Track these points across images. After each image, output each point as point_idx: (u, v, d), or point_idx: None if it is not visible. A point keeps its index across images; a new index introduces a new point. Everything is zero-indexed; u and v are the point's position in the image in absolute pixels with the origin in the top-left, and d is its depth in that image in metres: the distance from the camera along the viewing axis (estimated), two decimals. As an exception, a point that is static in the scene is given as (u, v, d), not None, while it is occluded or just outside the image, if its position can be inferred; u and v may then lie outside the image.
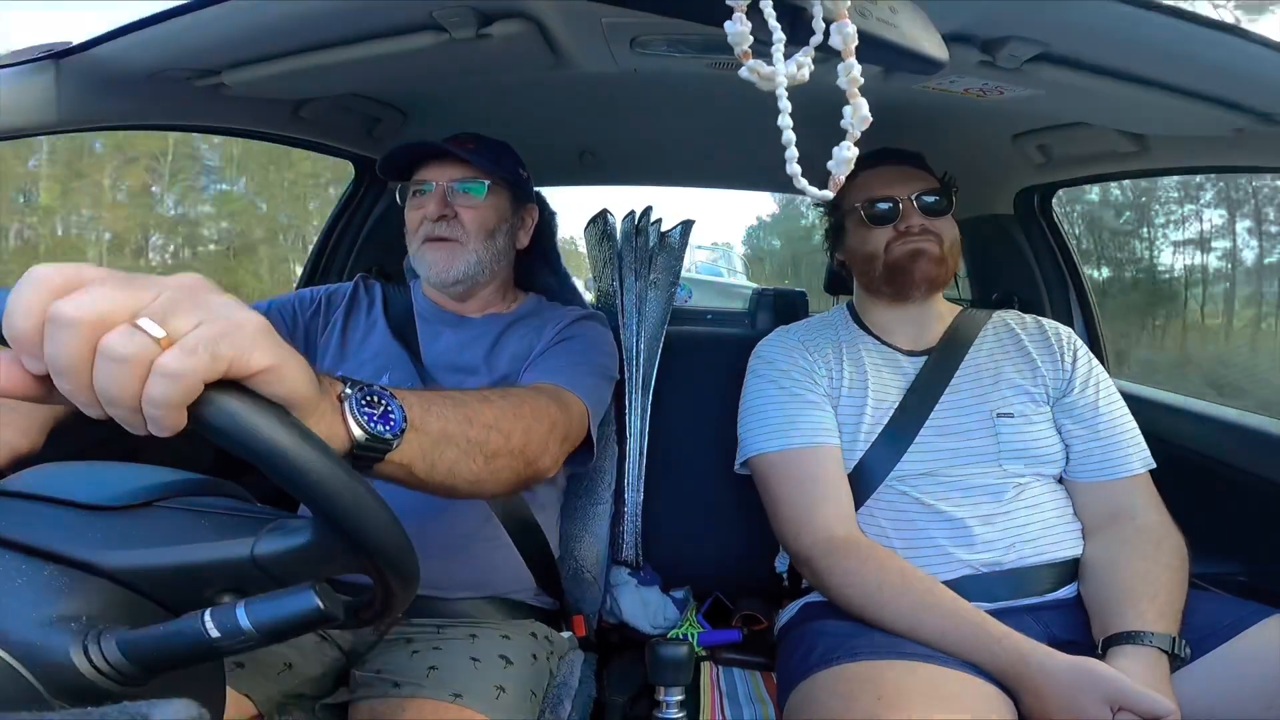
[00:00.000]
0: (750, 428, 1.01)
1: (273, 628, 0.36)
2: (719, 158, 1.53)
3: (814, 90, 0.37)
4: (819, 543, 0.88)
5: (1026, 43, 0.73)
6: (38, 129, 0.80)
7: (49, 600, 0.36)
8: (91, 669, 0.35)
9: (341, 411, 0.44)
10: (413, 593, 0.44)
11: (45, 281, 0.32)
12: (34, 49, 0.78)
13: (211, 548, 0.39)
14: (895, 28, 0.47)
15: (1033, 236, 1.45)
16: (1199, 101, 0.80)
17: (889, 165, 1.03)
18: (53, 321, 0.31)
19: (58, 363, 0.32)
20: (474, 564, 0.93)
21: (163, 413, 0.33)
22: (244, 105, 1.03)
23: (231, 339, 0.34)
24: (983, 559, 0.88)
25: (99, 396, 0.33)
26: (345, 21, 0.80)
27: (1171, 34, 0.67)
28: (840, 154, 0.36)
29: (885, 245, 1.00)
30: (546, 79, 1.00)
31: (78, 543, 0.39)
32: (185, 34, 0.78)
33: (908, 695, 0.68)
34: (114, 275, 0.33)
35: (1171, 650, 0.74)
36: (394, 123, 1.28)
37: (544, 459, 0.70)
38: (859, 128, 0.37)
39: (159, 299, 0.33)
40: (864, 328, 1.07)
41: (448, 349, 0.98)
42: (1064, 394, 0.99)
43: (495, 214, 0.99)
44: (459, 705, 0.75)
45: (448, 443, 0.55)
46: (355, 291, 1.07)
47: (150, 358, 0.32)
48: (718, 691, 1.08)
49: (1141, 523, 0.90)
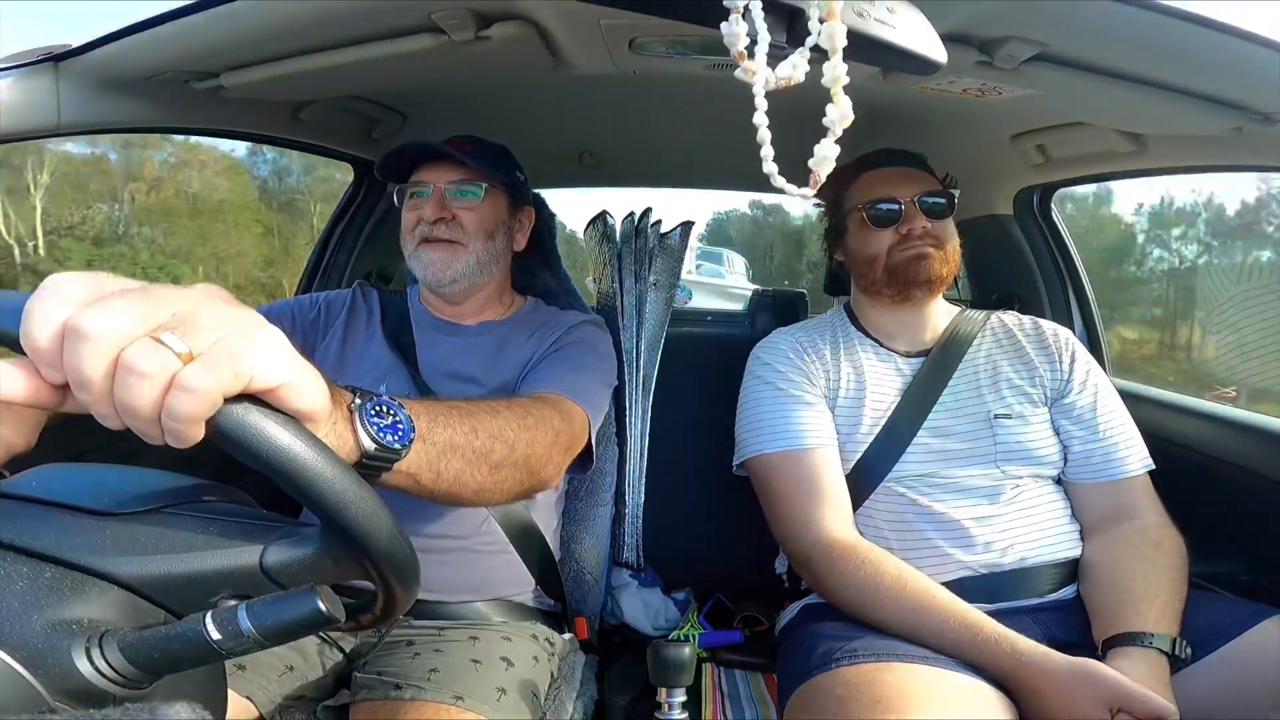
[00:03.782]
0: (748, 429, 1.01)
1: (274, 630, 0.36)
2: (718, 159, 1.53)
3: (814, 91, 0.38)
4: (817, 544, 0.88)
5: (1025, 43, 0.73)
6: (37, 132, 0.80)
7: (51, 603, 0.36)
8: (94, 672, 0.35)
9: (351, 422, 0.45)
10: (414, 596, 0.44)
11: (65, 292, 0.32)
12: (32, 52, 0.78)
13: (220, 555, 0.40)
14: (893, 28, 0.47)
15: (1032, 237, 1.45)
16: (1197, 101, 0.80)
17: (891, 166, 1.03)
18: (73, 334, 0.31)
19: (78, 375, 0.32)
20: (475, 567, 0.93)
21: (182, 426, 0.33)
22: (243, 108, 1.03)
23: (252, 355, 0.34)
24: (981, 560, 0.88)
25: (118, 409, 0.33)
26: (344, 24, 0.80)
27: (1170, 33, 0.67)
28: (821, 151, 0.37)
29: (887, 249, 1.00)
30: (545, 81, 1.01)
31: (88, 549, 0.39)
32: (184, 37, 0.78)
33: (906, 698, 0.68)
34: (134, 287, 0.34)
35: (1171, 651, 0.74)
36: (393, 125, 1.28)
37: (547, 469, 0.71)
38: (840, 126, 0.37)
39: (179, 313, 0.33)
40: (862, 329, 1.07)
41: (444, 357, 0.99)
42: (1062, 395, 0.99)
43: (493, 216, 0.99)
44: (460, 707, 0.75)
45: (453, 453, 0.56)
46: (354, 300, 1.07)
47: (172, 372, 0.32)
48: (719, 693, 1.08)
49: (1141, 523, 0.90)
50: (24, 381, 0.33)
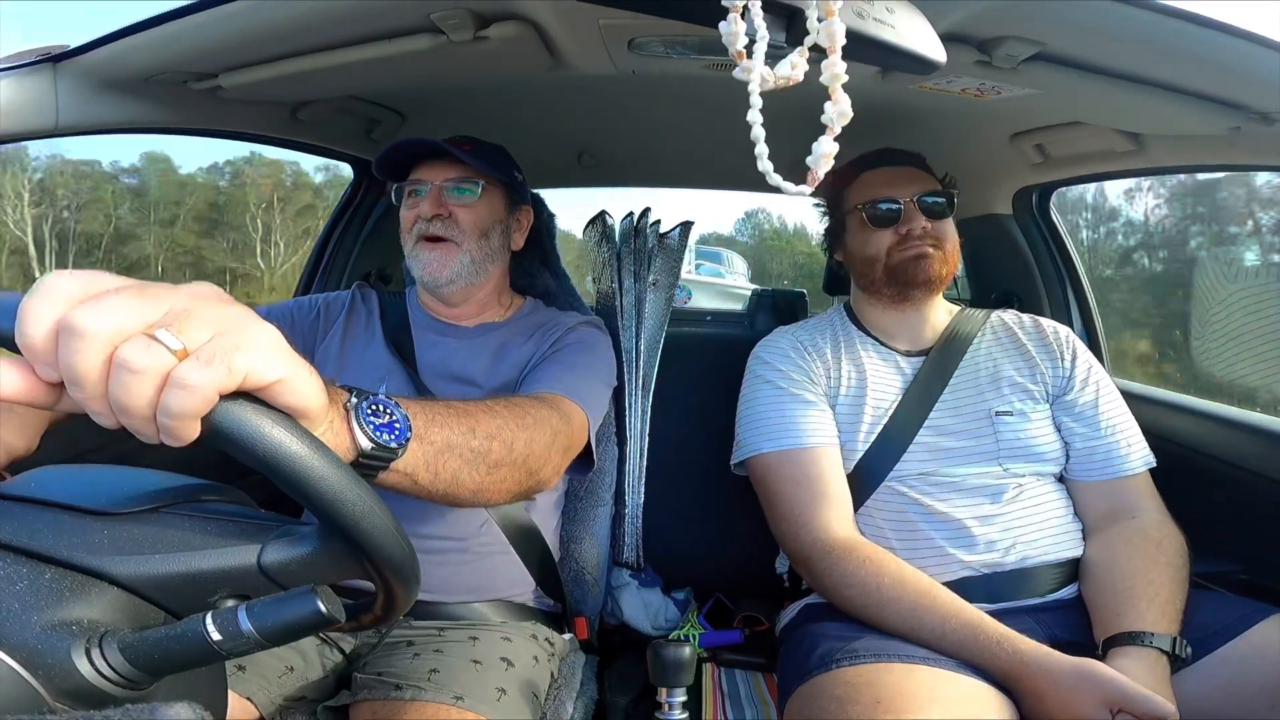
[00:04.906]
0: (749, 428, 1.01)
1: (274, 630, 0.36)
2: (717, 159, 1.53)
3: (813, 92, 0.38)
4: (817, 544, 0.88)
5: (1023, 42, 0.73)
6: (35, 133, 0.80)
7: (51, 604, 0.36)
8: (94, 672, 0.35)
9: (348, 420, 0.45)
10: (414, 597, 0.44)
11: (60, 290, 0.32)
12: (30, 52, 0.78)
13: (218, 555, 0.39)
14: (892, 28, 0.47)
15: (1031, 236, 1.45)
16: (1196, 100, 0.80)
17: (890, 166, 1.03)
18: (68, 331, 0.31)
19: (72, 372, 0.32)
20: (474, 567, 0.93)
21: (177, 423, 0.33)
22: (242, 108, 1.03)
23: (247, 351, 0.34)
24: (983, 559, 0.88)
25: (113, 406, 0.33)
26: (343, 24, 0.80)
27: (1168, 33, 0.67)
28: (819, 148, 0.37)
29: (887, 249, 1.00)
30: (544, 81, 1.01)
31: (86, 549, 0.39)
32: (182, 37, 0.78)
33: (907, 698, 0.68)
34: (129, 284, 0.33)
35: (1172, 651, 0.74)
36: (392, 125, 1.28)
37: (545, 469, 0.70)
38: (839, 123, 0.37)
39: (174, 310, 0.33)
40: (862, 328, 1.07)
41: (443, 359, 0.98)
42: (1063, 392, 0.99)
43: (490, 214, 0.99)
44: (460, 708, 0.75)
45: (451, 452, 0.55)
46: (353, 301, 1.07)
47: (167, 369, 0.32)
48: (719, 693, 1.08)
49: (1142, 522, 0.90)
50: (20, 380, 0.33)
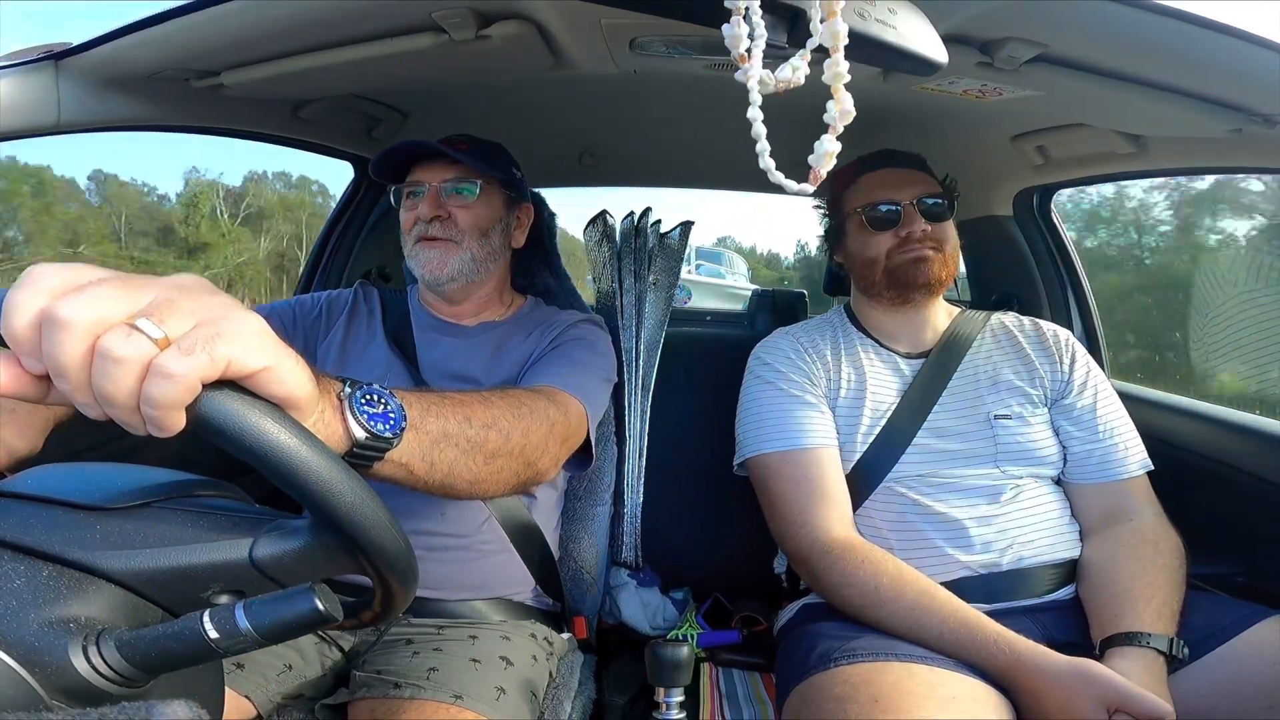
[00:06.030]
0: (748, 429, 1.01)
1: (272, 628, 0.36)
2: (718, 159, 1.53)
3: (815, 92, 0.38)
4: (816, 544, 0.88)
5: (1025, 44, 0.73)
6: (37, 130, 0.80)
7: (48, 601, 0.36)
8: (91, 670, 0.35)
9: (341, 411, 0.44)
10: (412, 593, 0.44)
11: (43, 281, 0.32)
12: (33, 49, 0.78)
13: (209, 549, 0.39)
14: (893, 29, 0.47)
15: (1032, 238, 1.45)
16: (1197, 102, 0.80)
17: (890, 168, 1.03)
18: (50, 322, 0.31)
19: (56, 363, 0.32)
20: (474, 565, 0.93)
21: (161, 413, 0.33)
22: (243, 106, 1.03)
23: (229, 340, 0.34)
24: (981, 560, 0.88)
25: (97, 397, 0.33)
26: (345, 23, 0.80)
27: (1170, 34, 0.67)
28: (821, 147, 0.37)
29: (886, 251, 1.00)
30: (546, 80, 1.01)
31: (77, 544, 0.39)
32: (184, 35, 0.78)
33: (905, 698, 0.68)
34: (112, 276, 0.33)
35: (1169, 651, 0.75)
36: (393, 124, 1.28)
37: (543, 460, 0.70)
38: (841, 122, 0.37)
39: (157, 300, 0.33)
40: (862, 330, 1.07)
41: (444, 357, 0.98)
42: (1062, 396, 0.99)
43: (489, 214, 0.99)
44: (459, 706, 0.75)
45: (447, 442, 0.55)
46: (355, 299, 1.07)
47: (148, 358, 0.32)
48: (717, 692, 1.08)
49: (1139, 524, 0.90)
50: (6, 373, 0.33)
